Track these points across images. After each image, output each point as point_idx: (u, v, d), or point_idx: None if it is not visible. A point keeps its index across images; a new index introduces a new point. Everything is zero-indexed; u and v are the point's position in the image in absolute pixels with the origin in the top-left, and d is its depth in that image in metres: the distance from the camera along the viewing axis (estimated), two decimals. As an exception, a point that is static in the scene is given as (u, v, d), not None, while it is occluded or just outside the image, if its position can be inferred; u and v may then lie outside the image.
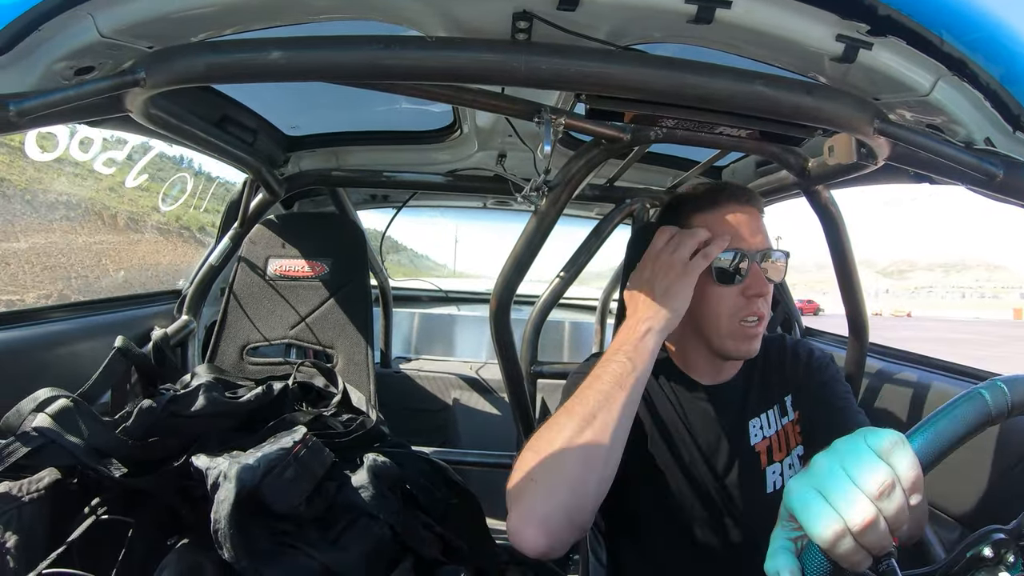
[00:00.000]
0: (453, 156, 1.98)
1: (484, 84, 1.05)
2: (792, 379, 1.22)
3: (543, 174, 1.30)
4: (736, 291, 1.09)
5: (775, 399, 1.21)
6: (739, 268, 1.09)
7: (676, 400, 1.21)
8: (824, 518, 0.54)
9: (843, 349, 1.77)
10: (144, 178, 2.40)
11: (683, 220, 1.15)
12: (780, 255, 1.13)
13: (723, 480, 1.17)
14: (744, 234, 1.10)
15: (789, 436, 1.18)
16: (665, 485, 1.17)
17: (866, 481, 0.54)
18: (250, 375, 1.80)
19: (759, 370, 1.23)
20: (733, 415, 1.19)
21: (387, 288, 2.93)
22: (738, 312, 1.10)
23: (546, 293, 1.98)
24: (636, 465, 1.17)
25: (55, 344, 1.55)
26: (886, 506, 0.54)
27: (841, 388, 1.18)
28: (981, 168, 0.84)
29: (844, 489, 0.55)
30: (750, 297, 1.09)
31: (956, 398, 0.60)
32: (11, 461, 0.96)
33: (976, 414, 0.59)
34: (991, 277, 65.29)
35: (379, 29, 0.84)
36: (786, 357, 1.24)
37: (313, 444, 1.11)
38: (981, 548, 0.65)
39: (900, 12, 0.72)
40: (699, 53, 0.87)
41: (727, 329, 1.11)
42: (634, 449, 1.17)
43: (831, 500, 0.55)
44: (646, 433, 1.18)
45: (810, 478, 0.57)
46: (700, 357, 1.21)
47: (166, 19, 0.80)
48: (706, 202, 1.14)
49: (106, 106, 0.90)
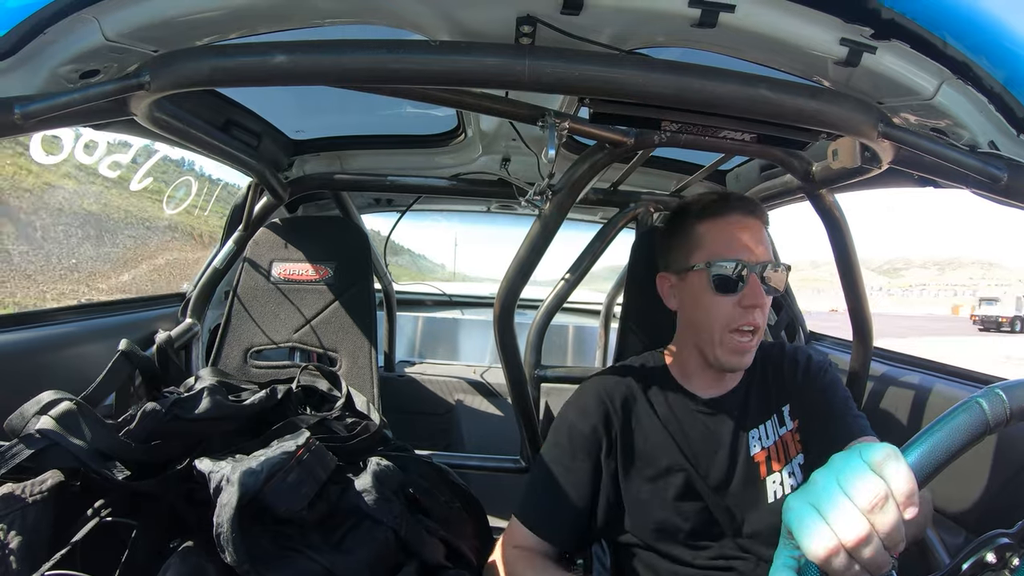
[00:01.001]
0: (457, 160, 1.99)
1: (488, 88, 1.05)
2: (791, 386, 1.21)
3: (547, 178, 1.30)
4: (733, 301, 1.11)
5: (773, 409, 1.21)
6: (740, 278, 1.10)
7: (674, 416, 1.21)
8: (817, 534, 0.54)
9: (847, 353, 1.76)
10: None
11: (687, 227, 1.17)
12: (781, 267, 1.15)
13: (724, 491, 1.17)
14: (747, 245, 1.11)
15: (788, 445, 1.18)
16: (667, 501, 1.17)
17: (859, 495, 0.54)
18: (254, 378, 1.80)
19: (758, 379, 1.24)
20: (733, 427, 1.19)
21: (391, 292, 2.93)
22: (733, 322, 1.11)
23: (550, 297, 1.98)
24: (635, 486, 1.18)
25: (59, 346, 1.56)
26: (879, 520, 0.53)
27: (840, 393, 1.18)
28: (985, 171, 0.84)
29: (837, 503, 0.54)
30: (746, 307, 1.10)
31: (952, 409, 0.59)
32: (15, 463, 0.96)
33: (973, 425, 0.57)
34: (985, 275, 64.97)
35: (384, 34, 0.84)
36: (784, 363, 1.24)
37: (316, 448, 1.11)
38: (985, 553, 0.64)
39: (904, 16, 0.72)
40: (703, 57, 0.87)
41: (720, 339, 1.12)
42: (633, 471, 1.18)
43: (825, 515, 0.54)
44: (646, 453, 1.19)
45: (807, 494, 0.57)
46: (698, 368, 1.22)
47: (171, 23, 0.80)
48: (710, 211, 1.15)
49: (111, 109, 0.90)
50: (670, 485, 1.17)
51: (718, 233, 1.13)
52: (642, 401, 1.22)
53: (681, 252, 1.19)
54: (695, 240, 1.16)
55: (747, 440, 1.18)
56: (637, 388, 1.23)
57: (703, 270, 1.13)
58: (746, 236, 1.12)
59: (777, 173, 1.72)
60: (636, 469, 1.19)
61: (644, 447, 1.19)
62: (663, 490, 1.17)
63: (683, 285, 1.20)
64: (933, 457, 0.56)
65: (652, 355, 1.32)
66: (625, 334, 1.64)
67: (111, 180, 11.71)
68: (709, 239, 1.14)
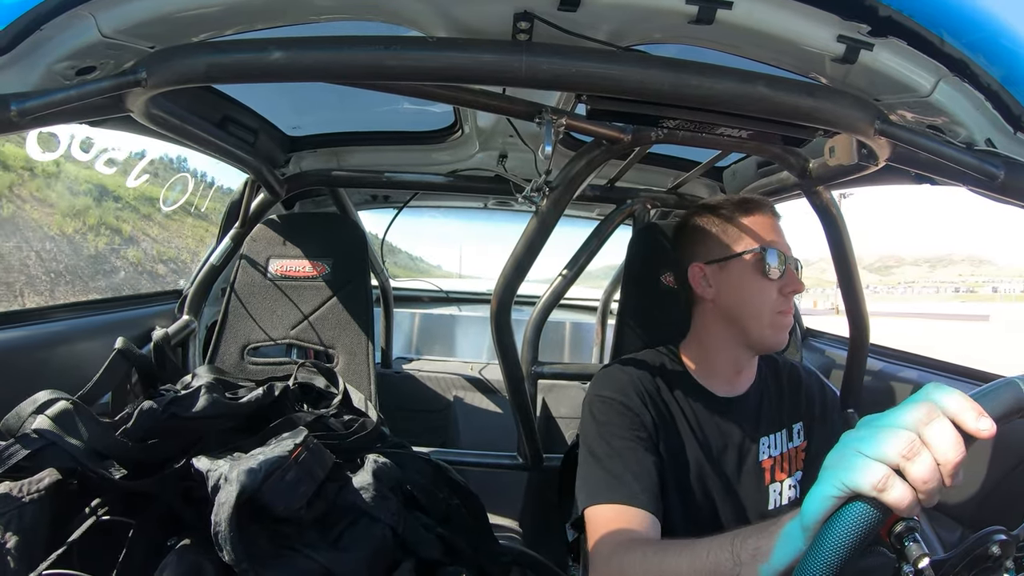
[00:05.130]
0: (454, 156, 1.98)
1: (485, 84, 1.05)
2: (806, 411, 1.29)
3: (544, 175, 1.30)
4: (776, 287, 1.18)
5: (785, 423, 1.26)
6: (783, 267, 1.18)
7: (692, 410, 1.23)
8: (864, 465, 0.54)
9: (843, 349, 1.77)
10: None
11: (728, 219, 1.24)
12: (801, 266, 1.24)
13: (731, 491, 1.19)
14: (782, 239, 1.22)
15: (793, 460, 1.25)
16: (676, 497, 1.17)
17: (906, 418, 0.54)
18: (251, 375, 1.80)
19: (771, 392, 1.29)
20: (746, 429, 1.23)
21: (388, 288, 2.93)
22: (777, 306, 1.18)
23: (547, 294, 1.98)
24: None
25: (55, 344, 1.55)
26: (931, 435, 0.53)
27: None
28: (982, 169, 0.84)
29: (882, 436, 0.54)
30: (787, 294, 1.18)
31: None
32: (11, 463, 0.96)
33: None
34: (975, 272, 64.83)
35: (380, 30, 0.84)
36: (800, 387, 1.30)
37: (314, 446, 1.11)
38: (983, 548, 0.65)
39: (901, 13, 0.72)
40: (700, 54, 0.87)
41: (768, 319, 1.18)
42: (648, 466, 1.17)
43: (870, 451, 0.54)
44: (668, 442, 1.19)
45: (844, 444, 0.57)
46: (726, 361, 1.24)
47: (167, 19, 0.80)
48: (751, 207, 1.24)
49: (107, 106, 0.90)
50: (680, 481, 1.18)
51: (763, 225, 1.22)
52: (665, 391, 1.23)
53: (716, 243, 1.24)
54: (740, 230, 1.23)
55: (757, 445, 1.22)
56: (659, 379, 1.25)
57: (754, 255, 1.19)
58: (780, 232, 1.23)
59: (774, 170, 1.73)
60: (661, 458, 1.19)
61: (667, 437, 1.19)
62: (671, 487, 1.17)
63: (723, 274, 1.22)
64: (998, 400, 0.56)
65: (665, 350, 1.32)
66: (623, 330, 1.64)
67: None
68: (755, 230, 1.22)
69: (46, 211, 13.15)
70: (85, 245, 13.15)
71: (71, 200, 13.21)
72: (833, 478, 0.56)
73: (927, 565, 0.55)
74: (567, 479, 1.63)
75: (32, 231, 12.80)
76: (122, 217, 14.10)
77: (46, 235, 12.76)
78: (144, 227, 14.10)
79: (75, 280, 12.26)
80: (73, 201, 13.22)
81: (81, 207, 13.31)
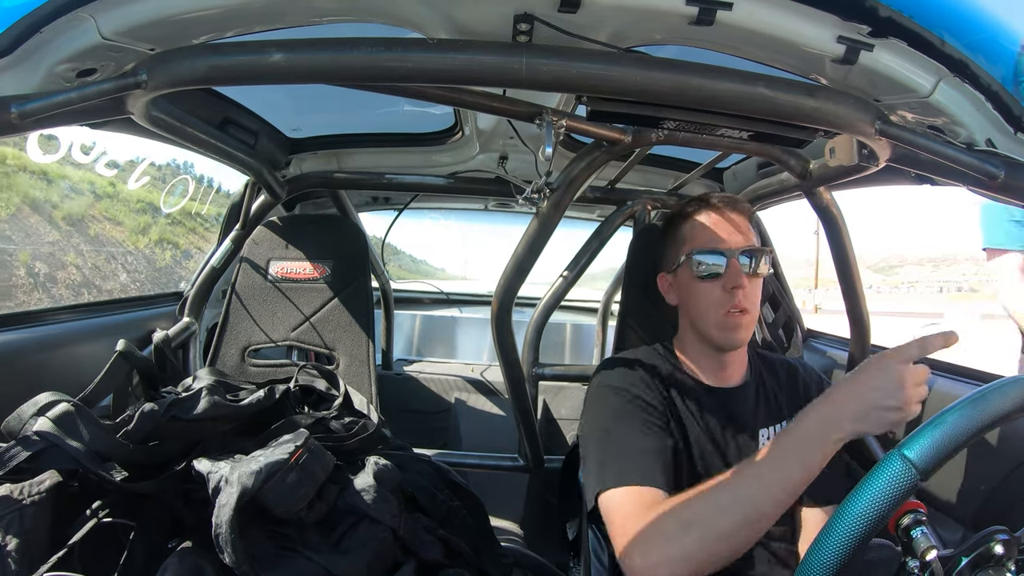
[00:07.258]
0: (454, 158, 1.98)
1: (485, 86, 1.05)
2: (805, 404, 1.25)
3: (544, 176, 1.30)
4: (718, 286, 1.18)
5: (783, 417, 1.26)
6: (719, 263, 1.19)
7: (694, 403, 1.24)
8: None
9: (844, 350, 1.77)
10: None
11: (676, 228, 1.29)
12: (759, 252, 1.22)
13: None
14: (721, 234, 1.21)
15: None
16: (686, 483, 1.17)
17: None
18: (252, 377, 1.80)
19: (768, 387, 1.30)
20: (745, 420, 1.24)
21: (388, 290, 2.93)
22: (722, 305, 1.18)
23: (547, 295, 1.98)
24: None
25: (56, 346, 1.55)
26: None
27: (843, 457, 1.24)
28: (982, 169, 0.84)
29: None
30: (730, 290, 1.17)
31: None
32: (12, 465, 0.96)
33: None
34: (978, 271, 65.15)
35: (381, 32, 0.84)
36: (797, 381, 1.31)
37: (315, 448, 1.11)
38: (986, 548, 0.65)
39: (901, 14, 0.72)
40: (700, 55, 0.87)
41: (714, 320, 1.19)
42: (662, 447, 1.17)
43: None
44: (675, 430, 1.19)
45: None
46: (701, 355, 1.27)
47: (167, 21, 0.80)
48: (691, 209, 1.27)
49: (108, 108, 0.90)
50: (691, 463, 1.19)
51: (699, 228, 1.24)
52: (666, 381, 1.24)
53: (671, 251, 1.30)
54: (681, 238, 1.27)
55: (757, 436, 1.23)
56: (659, 371, 1.26)
57: (687, 258, 1.22)
58: (723, 227, 1.22)
59: (774, 171, 1.72)
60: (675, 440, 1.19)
61: (675, 422, 1.20)
62: (688, 466, 1.19)
63: (677, 281, 1.29)
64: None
65: (660, 346, 1.34)
66: (624, 331, 1.64)
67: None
68: (692, 234, 1.25)
69: (118, 228, 14.54)
70: (155, 258, 15.31)
71: (136, 219, 15.12)
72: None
73: (934, 558, 0.55)
74: (568, 481, 1.62)
75: (114, 247, 14.37)
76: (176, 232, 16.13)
77: (127, 251, 14.77)
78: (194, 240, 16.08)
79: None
80: (137, 220, 15.13)
81: (144, 224, 15.46)
